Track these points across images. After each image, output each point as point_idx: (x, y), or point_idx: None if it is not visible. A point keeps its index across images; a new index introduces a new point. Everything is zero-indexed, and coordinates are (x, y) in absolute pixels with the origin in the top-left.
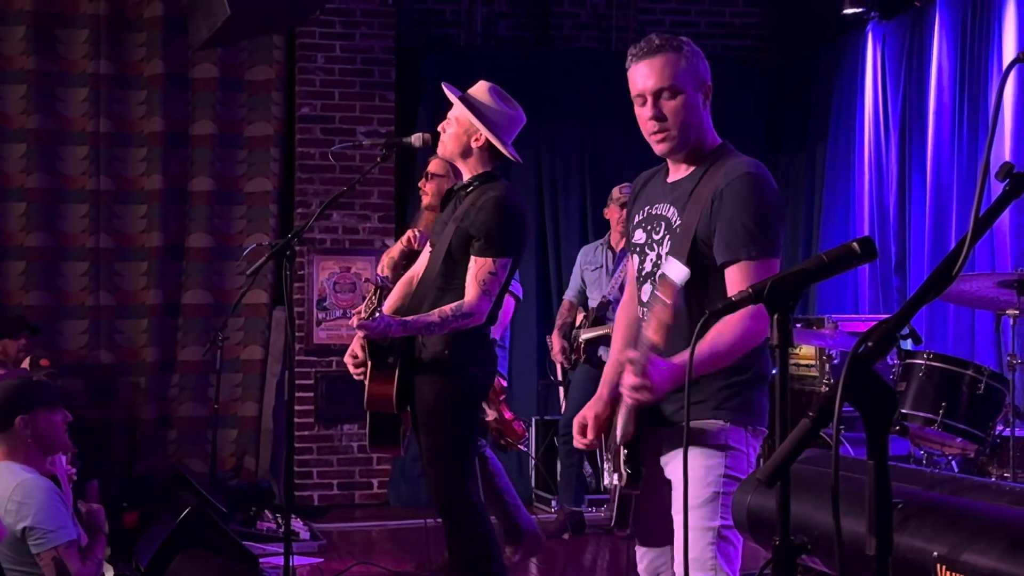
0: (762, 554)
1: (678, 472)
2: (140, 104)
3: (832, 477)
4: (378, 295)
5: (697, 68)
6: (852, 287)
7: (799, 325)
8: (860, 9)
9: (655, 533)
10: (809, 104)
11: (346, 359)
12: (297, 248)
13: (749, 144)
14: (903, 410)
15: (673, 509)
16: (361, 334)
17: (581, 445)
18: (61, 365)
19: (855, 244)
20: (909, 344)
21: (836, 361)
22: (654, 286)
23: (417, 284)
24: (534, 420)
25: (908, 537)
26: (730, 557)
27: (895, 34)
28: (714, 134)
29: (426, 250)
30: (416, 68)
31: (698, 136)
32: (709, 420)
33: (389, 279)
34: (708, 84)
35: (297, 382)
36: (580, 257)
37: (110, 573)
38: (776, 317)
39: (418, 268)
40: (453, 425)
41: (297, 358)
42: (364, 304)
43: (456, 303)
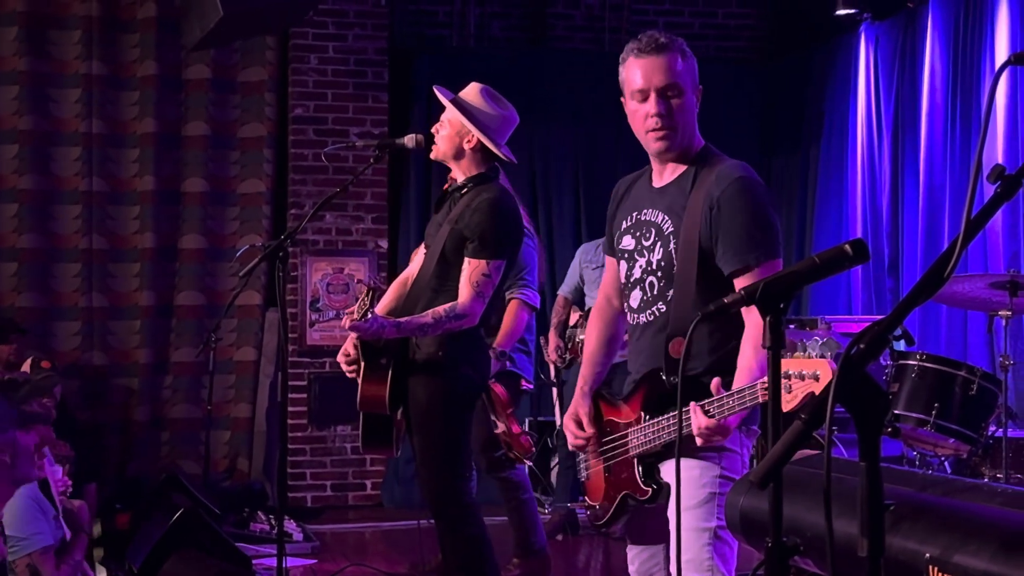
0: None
1: (673, 473)
2: (133, 105)
3: (824, 478)
4: (371, 296)
5: (694, 70)
6: (845, 288)
7: (792, 326)
8: (853, 10)
9: (649, 531)
10: (802, 105)
11: (339, 358)
12: (290, 249)
13: (743, 146)
14: (896, 411)
15: (671, 510)
16: (354, 334)
17: (580, 441)
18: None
19: (847, 246)
20: (902, 345)
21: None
22: (644, 292)
23: (411, 285)
24: (527, 421)
25: (900, 538)
26: (726, 558)
27: (888, 35)
28: (699, 136)
29: (420, 251)
30: (409, 69)
31: (690, 138)
32: None
33: (382, 280)
34: (700, 87)
35: (290, 383)
36: (580, 255)
37: (103, 574)
38: (768, 319)
39: (412, 270)
40: (446, 426)
41: (290, 359)
42: (357, 305)
43: (449, 304)
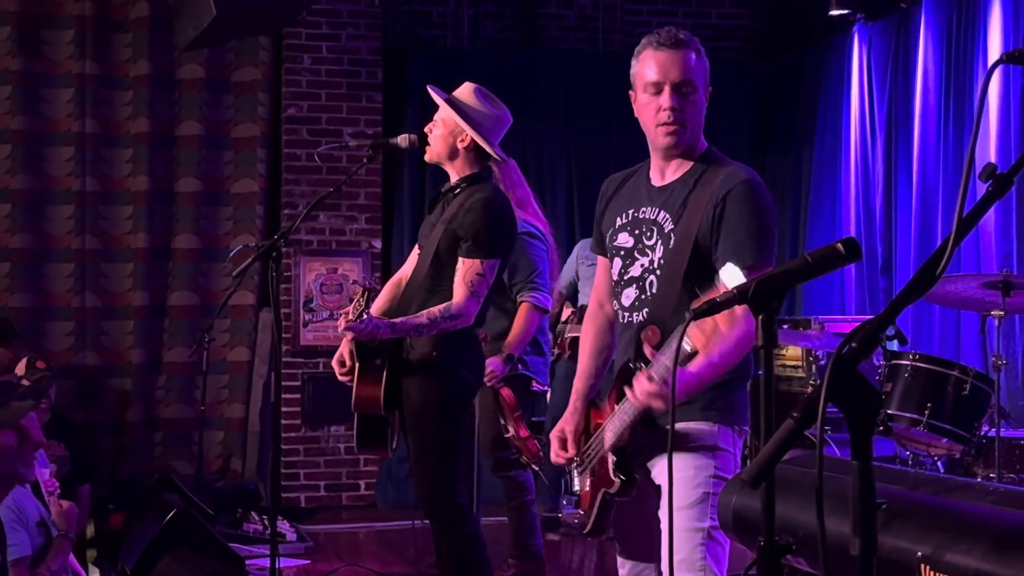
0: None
1: (667, 473)
2: (126, 105)
3: (817, 477)
4: (366, 297)
5: (706, 71)
6: (839, 288)
7: (786, 326)
8: (846, 11)
9: (639, 546)
10: (795, 106)
11: (334, 364)
12: (283, 249)
13: (736, 146)
14: (889, 411)
15: (664, 511)
16: (349, 336)
17: (561, 459)
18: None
19: (839, 245)
20: (895, 345)
21: (823, 362)
22: (640, 291)
23: (405, 286)
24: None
25: (892, 537)
26: (719, 558)
27: (881, 36)
28: (703, 138)
29: (414, 252)
30: (403, 69)
31: (696, 137)
32: (699, 422)
33: (376, 281)
34: (710, 89)
35: (284, 383)
36: (577, 250)
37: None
38: (761, 318)
39: (406, 270)
40: (441, 427)
41: (284, 359)
42: (352, 306)
43: (444, 304)
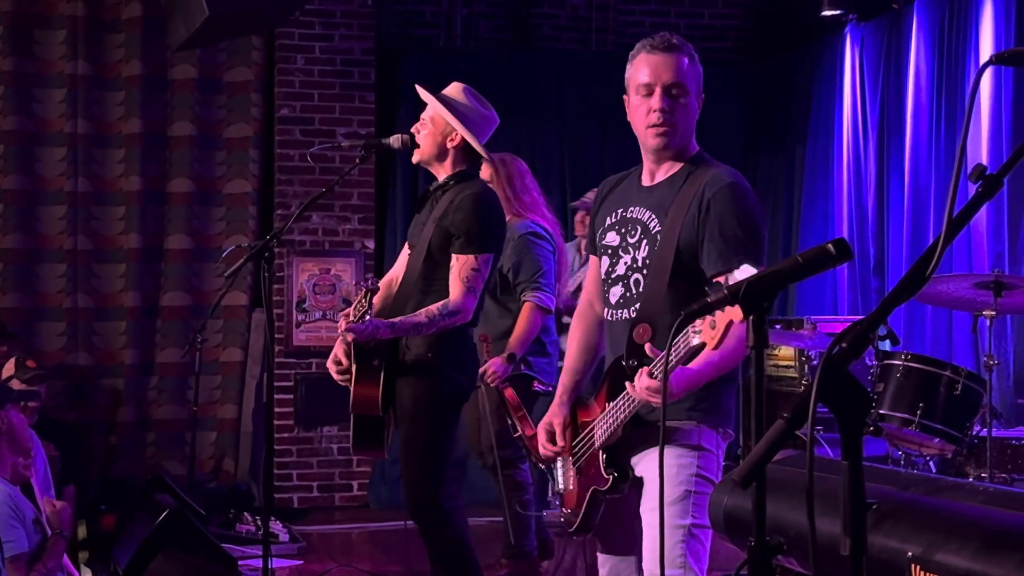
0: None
1: (649, 470)
2: (118, 105)
3: (807, 477)
4: (368, 298)
5: (699, 77)
6: (831, 288)
7: (778, 326)
8: (838, 11)
9: (618, 541)
10: (788, 106)
11: (329, 364)
12: (276, 250)
13: (729, 146)
14: (881, 411)
15: (646, 507)
16: (350, 337)
17: (550, 452)
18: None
19: (830, 245)
20: (887, 345)
21: (815, 362)
22: (626, 288)
23: (398, 286)
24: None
25: (882, 537)
26: (699, 555)
27: (873, 36)
28: (695, 143)
29: (404, 251)
30: (396, 69)
31: (687, 141)
32: (683, 421)
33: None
34: (703, 96)
35: (276, 384)
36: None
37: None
38: (752, 318)
39: (397, 270)
40: (432, 428)
41: (276, 360)
42: (353, 307)
43: (442, 302)
